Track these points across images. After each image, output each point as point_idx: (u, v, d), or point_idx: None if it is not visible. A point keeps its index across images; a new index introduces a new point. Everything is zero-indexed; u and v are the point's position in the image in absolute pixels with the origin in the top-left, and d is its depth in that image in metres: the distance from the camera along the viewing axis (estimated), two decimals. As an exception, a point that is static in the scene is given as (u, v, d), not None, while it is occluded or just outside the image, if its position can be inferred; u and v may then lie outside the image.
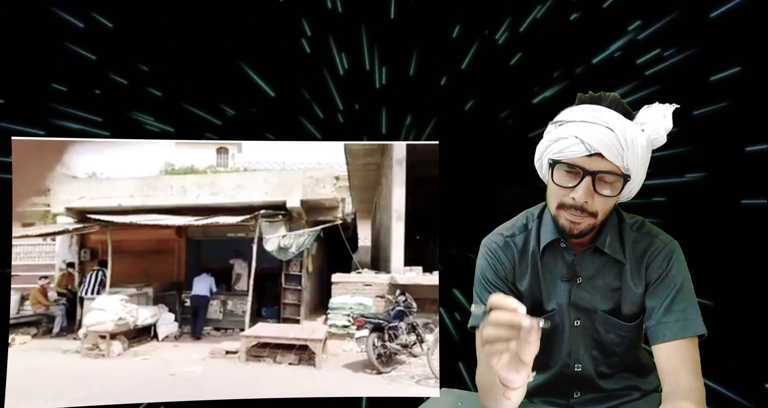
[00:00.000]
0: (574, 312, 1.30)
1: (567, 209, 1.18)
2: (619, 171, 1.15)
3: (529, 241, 1.33)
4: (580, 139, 1.14)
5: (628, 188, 1.20)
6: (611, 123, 1.14)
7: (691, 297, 1.25)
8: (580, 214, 1.17)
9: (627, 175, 1.16)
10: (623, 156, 1.13)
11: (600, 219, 1.20)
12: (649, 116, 1.18)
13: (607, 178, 1.15)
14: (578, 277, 1.28)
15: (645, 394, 1.38)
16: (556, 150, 1.18)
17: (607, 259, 1.28)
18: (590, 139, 1.14)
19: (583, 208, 1.16)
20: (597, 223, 1.20)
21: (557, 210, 1.20)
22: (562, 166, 1.18)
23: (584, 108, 1.20)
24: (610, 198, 1.18)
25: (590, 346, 1.31)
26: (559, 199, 1.19)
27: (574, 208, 1.17)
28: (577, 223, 1.18)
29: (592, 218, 1.18)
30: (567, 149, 1.16)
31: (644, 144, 1.16)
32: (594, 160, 1.14)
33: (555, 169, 1.19)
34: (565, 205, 1.18)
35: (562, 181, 1.18)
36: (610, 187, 1.16)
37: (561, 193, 1.19)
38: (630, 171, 1.16)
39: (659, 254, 1.27)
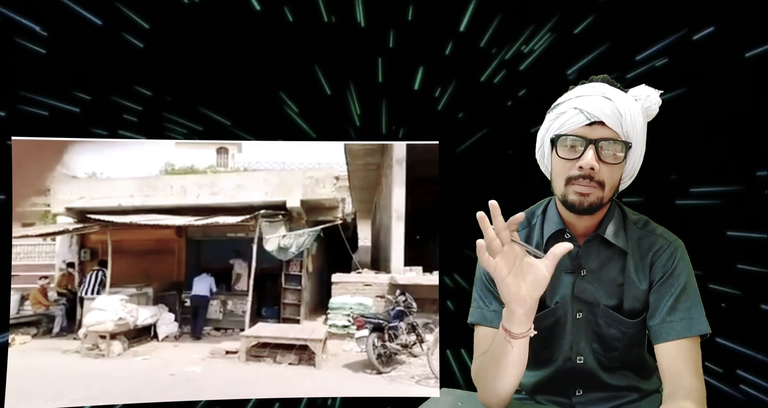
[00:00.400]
0: (577, 304, 1.30)
1: (575, 182, 1.20)
2: (620, 138, 1.19)
3: (532, 236, 1.35)
4: (579, 110, 1.19)
5: (630, 160, 1.23)
6: (607, 93, 1.20)
7: (696, 296, 1.25)
8: (588, 183, 1.19)
9: (629, 143, 1.19)
10: (622, 122, 1.18)
11: (607, 193, 1.21)
12: (640, 91, 1.25)
13: (609, 145, 1.18)
14: (582, 269, 1.29)
15: (646, 395, 1.38)
16: (557, 126, 1.22)
17: (612, 252, 1.28)
18: (589, 108, 1.18)
19: (591, 177, 1.18)
20: (605, 199, 1.21)
21: (565, 187, 1.22)
22: (564, 139, 1.21)
23: (579, 87, 1.26)
24: (616, 167, 1.20)
25: (591, 338, 1.31)
26: (566, 174, 1.21)
27: (581, 177, 1.19)
28: (587, 195, 1.20)
29: (600, 190, 1.20)
30: (567, 122, 1.20)
31: (639, 112, 1.21)
32: (595, 128, 1.18)
33: (558, 143, 1.22)
34: (573, 177, 1.20)
35: (567, 153, 1.21)
36: (613, 155, 1.19)
37: (567, 166, 1.21)
38: (630, 138, 1.19)
39: (664, 253, 1.27)
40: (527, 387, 1.41)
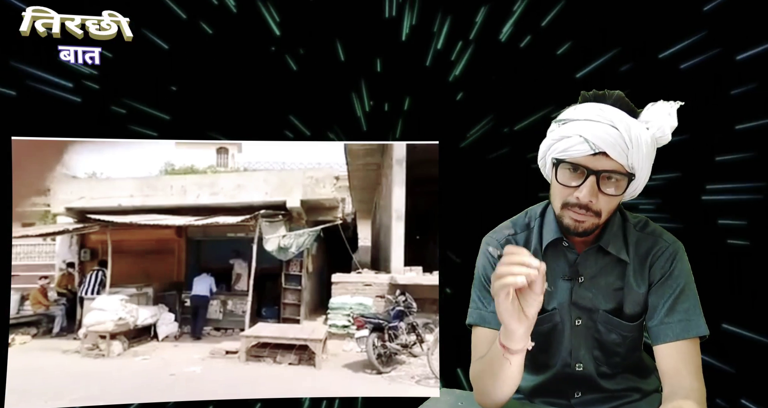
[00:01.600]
0: (576, 311, 1.29)
1: (571, 208, 1.18)
2: (624, 170, 1.14)
3: (530, 239, 1.33)
4: (584, 138, 1.14)
5: (633, 187, 1.20)
6: (615, 121, 1.14)
7: (694, 297, 1.24)
8: (584, 213, 1.16)
9: (632, 174, 1.16)
10: (628, 155, 1.13)
11: (604, 218, 1.19)
12: (654, 114, 1.18)
13: (611, 177, 1.15)
14: (580, 277, 1.28)
15: (646, 395, 1.37)
16: (560, 149, 1.18)
17: (611, 258, 1.27)
18: (594, 138, 1.13)
19: (587, 207, 1.16)
20: (601, 223, 1.20)
21: (561, 210, 1.20)
22: (565, 165, 1.17)
23: (588, 106, 1.19)
24: (615, 197, 1.17)
25: (591, 345, 1.31)
26: (563, 199, 1.19)
27: (578, 206, 1.16)
28: (582, 222, 1.18)
29: (597, 218, 1.18)
30: (571, 148, 1.15)
31: (649, 142, 1.16)
32: (598, 159, 1.13)
33: (559, 168, 1.19)
34: (570, 204, 1.18)
35: (566, 180, 1.18)
36: (614, 186, 1.16)
37: (565, 192, 1.18)
38: (635, 170, 1.15)
39: (663, 254, 1.26)
40: (526, 390, 1.41)
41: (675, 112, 1.18)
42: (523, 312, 1.03)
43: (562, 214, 1.20)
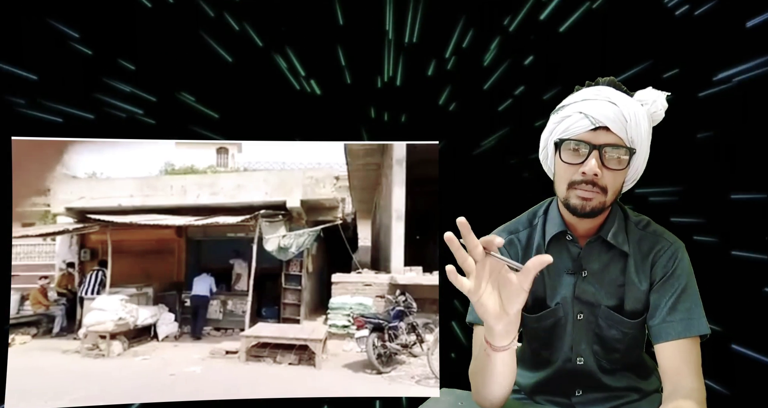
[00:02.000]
0: (578, 305, 1.30)
1: (577, 186, 1.20)
2: (624, 144, 1.18)
3: (533, 236, 1.34)
4: (584, 114, 1.18)
5: (634, 166, 1.23)
6: (613, 98, 1.19)
7: (696, 297, 1.25)
8: (591, 188, 1.18)
9: (632, 149, 1.19)
10: (627, 128, 1.17)
11: (609, 198, 1.21)
12: (647, 94, 1.24)
13: (613, 151, 1.18)
14: (584, 271, 1.29)
15: (646, 395, 1.38)
16: (562, 129, 1.22)
17: (614, 253, 1.28)
18: (594, 113, 1.18)
19: (594, 182, 1.18)
20: (607, 203, 1.21)
21: (567, 191, 1.21)
22: (568, 143, 1.20)
23: (584, 90, 1.26)
24: (619, 172, 1.20)
25: (592, 340, 1.31)
26: (568, 178, 1.21)
27: (584, 182, 1.18)
28: (589, 200, 1.19)
29: (603, 195, 1.19)
30: (572, 126, 1.20)
31: (645, 118, 1.21)
32: (599, 133, 1.17)
33: (562, 148, 1.21)
34: (575, 182, 1.20)
35: (570, 158, 1.20)
36: (617, 160, 1.18)
37: (570, 171, 1.21)
38: (635, 144, 1.19)
39: (665, 253, 1.27)
40: (527, 388, 1.41)
41: (663, 98, 1.25)
42: (503, 308, 1.01)
43: (569, 196, 1.21)
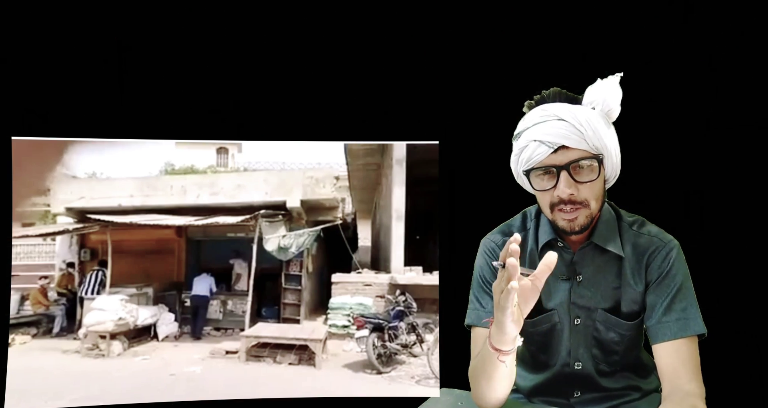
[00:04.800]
0: (574, 310, 1.30)
1: (559, 209, 1.20)
2: (589, 153, 1.17)
3: (527, 240, 1.34)
4: (538, 141, 1.17)
5: (609, 167, 1.22)
6: (560, 114, 1.17)
7: (692, 296, 1.25)
8: (572, 208, 1.18)
9: (598, 155, 1.18)
10: (585, 139, 1.16)
11: (595, 208, 1.21)
12: (595, 93, 1.22)
13: (581, 164, 1.17)
14: (578, 275, 1.28)
15: (645, 394, 1.37)
16: (524, 160, 1.21)
17: (608, 257, 1.28)
18: (547, 136, 1.16)
19: (572, 201, 1.17)
20: (594, 213, 1.21)
21: (552, 214, 1.22)
22: (535, 172, 1.20)
23: (533, 112, 1.23)
24: (595, 183, 1.19)
25: (590, 344, 1.31)
26: (549, 203, 1.21)
27: (563, 203, 1.18)
28: (574, 220, 1.19)
29: (586, 209, 1.19)
30: (532, 155, 1.18)
31: (600, 120, 1.19)
32: (560, 154, 1.16)
33: (531, 177, 1.22)
34: (555, 204, 1.20)
35: (542, 185, 1.20)
36: (588, 171, 1.18)
37: (547, 196, 1.21)
38: (599, 149, 1.18)
39: (659, 254, 1.26)
40: (525, 390, 1.41)
41: (615, 85, 1.21)
42: (520, 312, 1.02)
43: (555, 218, 1.22)
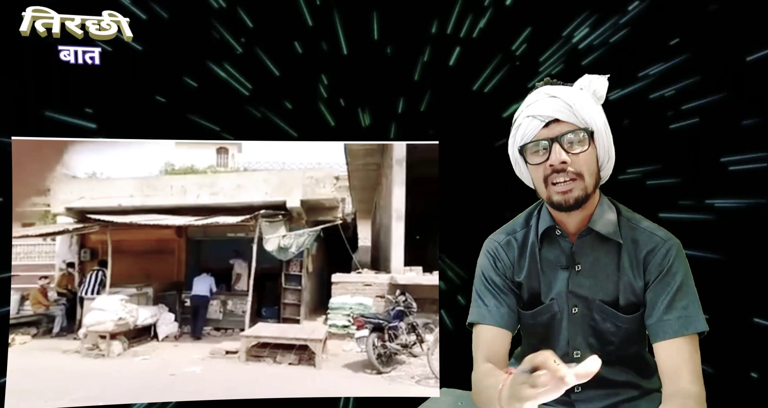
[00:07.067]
0: (573, 299, 1.30)
1: (554, 183, 1.22)
2: (579, 126, 1.22)
3: (529, 235, 1.36)
4: (531, 116, 1.23)
5: (601, 146, 1.25)
6: (551, 92, 1.24)
7: (693, 294, 1.25)
8: (566, 178, 1.21)
9: (588, 128, 1.22)
10: (575, 113, 1.21)
11: (589, 182, 1.23)
12: (582, 81, 1.29)
13: (572, 136, 1.21)
14: (577, 265, 1.29)
15: (646, 393, 1.37)
16: (519, 137, 1.26)
17: (607, 247, 1.29)
18: (539, 111, 1.23)
19: (565, 170, 1.20)
20: (588, 188, 1.23)
21: (547, 189, 1.24)
22: (529, 147, 1.24)
23: (528, 97, 1.29)
24: (586, 154, 1.22)
25: (587, 333, 1.32)
26: (542, 177, 1.23)
27: (556, 174, 1.21)
28: (569, 192, 1.21)
29: (581, 181, 1.22)
30: (526, 131, 1.24)
31: (589, 98, 1.25)
32: (552, 127, 1.22)
33: (526, 153, 1.25)
34: (550, 178, 1.22)
35: (536, 158, 1.24)
36: (579, 143, 1.22)
37: (541, 170, 1.23)
38: (588, 124, 1.22)
39: (659, 251, 1.27)
40: (527, 385, 1.41)
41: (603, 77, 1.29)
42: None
43: (550, 194, 1.23)
